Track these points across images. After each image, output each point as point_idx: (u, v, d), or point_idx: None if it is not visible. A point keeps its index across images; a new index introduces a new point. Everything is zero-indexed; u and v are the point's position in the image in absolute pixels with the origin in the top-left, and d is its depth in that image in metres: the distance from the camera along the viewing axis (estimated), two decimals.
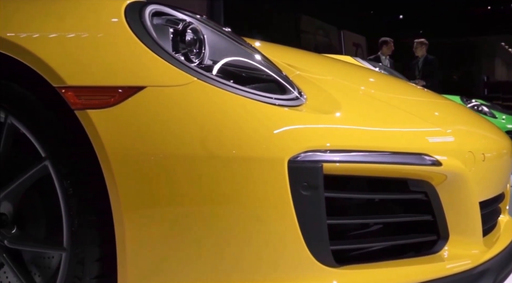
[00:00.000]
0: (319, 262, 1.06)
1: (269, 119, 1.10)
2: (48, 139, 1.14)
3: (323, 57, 1.96)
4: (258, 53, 1.29)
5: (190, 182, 1.06)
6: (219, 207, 1.07)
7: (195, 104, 1.09)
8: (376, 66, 2.35)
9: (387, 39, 6.64)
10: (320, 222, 1.06)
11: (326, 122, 1.17)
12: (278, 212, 1.05)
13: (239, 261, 1.07)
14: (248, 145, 1.07)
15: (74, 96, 1.10)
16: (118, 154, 1.08)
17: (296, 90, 1.21)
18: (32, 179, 1.18)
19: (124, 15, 1.16)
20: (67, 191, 1.12)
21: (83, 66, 1.12)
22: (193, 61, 1.16)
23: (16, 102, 1.17)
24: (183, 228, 1.07)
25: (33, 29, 1.19)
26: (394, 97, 1.53)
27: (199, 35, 1.21)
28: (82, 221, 1.11)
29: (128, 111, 1.08)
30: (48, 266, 1.27)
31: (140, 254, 1.08)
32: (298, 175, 1.06)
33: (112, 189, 1.08)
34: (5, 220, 1.21)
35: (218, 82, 1.13)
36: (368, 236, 1.25)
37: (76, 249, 1.11)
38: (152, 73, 1.11)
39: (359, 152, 1.13)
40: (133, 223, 1.07)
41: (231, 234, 1.06)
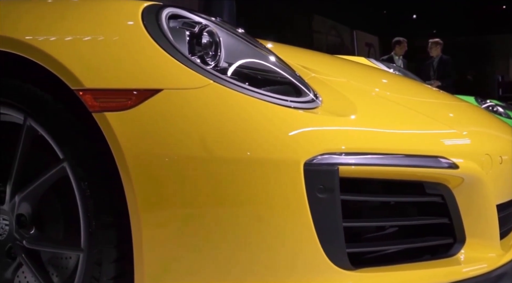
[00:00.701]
0: (335, 264, 1.06)
1: (285, 122, 1.10)
2: (66, 141, 1.16)
3: (337, 59, 1.95)
4: (273, 56, 1.29)
5: (207, 183, 1.07)
6: (235, 209, 1.07)
7: (211, 107, 1.10)
8: (390, 67, 2.34)
9: (400, 39, 6.60)
10: (336, 225, 1.06)
11: (341, 124, 1.17)
12: (294, 214, 1.06)
13: (255, 263, 1.07)
14: (263, 147, 1.07)
15: (92, 98, 1.11)
16: (135, 156, 1.09)
17: (311, 92, 1.21)
18: (50, 180, 1.20)
19: (141, 18, 1.17)
20: (85, 193, 1.13)
21: (100, 69, 1.13)
22: (209, 64, 1.17)
23: (35, 104, 1.18)
24: (199, 229, 1.07)
25: (51, 32, 1.21)
26: (409, 99, 1.53)
27: (215, 37, 1.21)
28: (99, 222, 1.12)
29: (145, 113, 1.09)
30: (65, 266, 1.28)
31: (157, 254, 1.09)
32: (314, 177, 1.06)
33: (129, 190, 1.09)
34: (24, 220, 1.23)
35: (234, 85, 1.13)
36: (383, 238, 1.24)
37: (93, 250, 1.13)
38: (169, 76, 1.12)
39: (375, 155, 1.13)
40: (149, 224, 1.08)
41: (247, 236, 1.07)
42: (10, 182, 1.22)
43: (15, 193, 1.22)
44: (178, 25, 1.21)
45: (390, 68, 2.34)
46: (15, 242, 1.23)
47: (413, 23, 13.09)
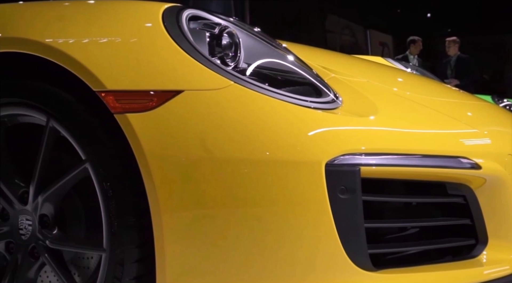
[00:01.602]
0: (357, 265, 1.06)
1: (306, 123, 1.10)
2: (88, 142, 1.17)
3: (355, 59, 1.95)
4: (293, 56, 1.29)
5: (227, 184, 1.07)
6: (256, 210, 1.07)
7: (232, 108, 1.10)
8: (408, 67, 2.33)
9: (415, 38, 6.56)
10: (358, 226, 1.06)
11: (362, 125, 1.16)
12: (315, 215, 1.06)
13: (276, 263, 1.07)
14: (284, 148, 1.08)
15: (114, 100, 1.12)
16: (156, 157, 1.09)
17: (332, 93, 1.21)
18: (72, 181, 1.21)
19: (162, 19, 1.18)
20: (107, 193, 1.14)
21: (122, 71, 1.14)
22: (229, 65, 1.17)
23: (58, 106, 1.19)
24: (220, 229, 1.08)
25: (73, 34, 1.22)
26: (429, 98, 1.52)
27: (235, 38, 1.22)
28: (122, 222, 1.13)
29: (166, 114, 1.10)
30: (87, 266, 1.30)
31: (178, 255, 1.09)
32: (335, 178, 1.06)
33: (151, 191, 1.10)
34: (47, 221, 1.24)
35: (254, 86, 1.13)
36: (405, 239, 1.24)
37: (115, 250, 1.13)
38: (190, 77, 1.12)
39: (396, 155, 1.12)
40: (171, 225, 1.09)
41: (268, 236, 1.07)
42: (33, 182, 1.23)
43: (38, 194, 1.23)
44: (198, 27, 1.21)
45: (408, 68, 2.33)
46: (38, 242, 1.24)
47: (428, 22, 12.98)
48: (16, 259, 1.26)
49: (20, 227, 1.26)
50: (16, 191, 1.27)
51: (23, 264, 1.25)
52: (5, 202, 1.28)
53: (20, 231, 1.26)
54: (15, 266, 1.26)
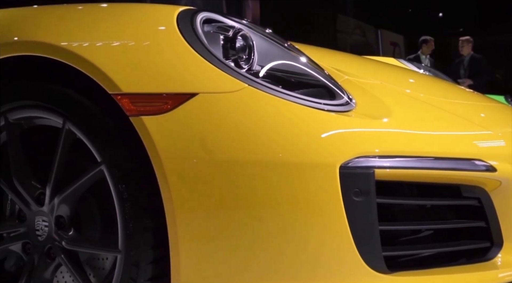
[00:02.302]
0: (371, 268, 1.06)
1: (320, 125, 1.11)
2: (104, 144, 1.18)
3: (368, 61, 1.95)
4: (307, 58, 1.29)
5: (241, 186, 1.08)
6: (270, 211, 1.08)
7: (246, 111, 1.11)
8: (420, 68, 2.32)
9: (427, 38, 6.51)
10: (372, 228, 1.06)
11: (376, 127, 1.16)
12: (329, 217, 1.06)
13: (289, 266, 1.07)
14: (298, 150, 1.08)
15: (129, 103, 1.14)
16: (171, 159, 1.10)
17: (345, 95, 1.21)
18: (88, 183, 1.22)
19: (177, 22, 1.19)
20: (122, 195, 1.15)
21: (137, 74, 1.15)
22: (242, 67, 1.18)
23: (74, 108, 1.21)
24: (235, 231, 1.08)
25: (88, 38, 1.23)
26: (443, 100, 1.51)
27: (249, 41, 1.22)
28: (137, 224, 1.14)
29: (181, 117, 1.11)
30: (102, 267, 1.31)
31: (193, 256, 1.10)
32: (349, 180, 1.06)
33: (165, 192, 1.10)
34: (63, 222, 1.26)
35: (268, 88, 1.14)
36: (418, 241, 1.23)
37: (131, 251, 1.14)
38: (204, 80, 1.13)
39: (410, 158, 1.12)
40: (186, 226, 1.10)
41: (282, 238, 1.07)
42: (50, 184, 1.25)
43: (54, 195, 1.25)
44: (212, 29, 1.22)
45: (420, 69, 2.32)
46: (54, 243, 1.26)
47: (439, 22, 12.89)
48: (32, 259, 1.28)
49: (36, 228, 1.28)
50: (33, 193, 1.29)
51: (40, 264, 1.27)
52: (22, 203, 1.29)
53: (37, 232, 1.27)
54: (32, 267, 1.28)
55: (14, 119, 1.30)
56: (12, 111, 1.29)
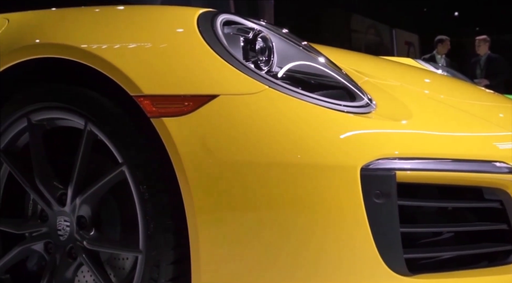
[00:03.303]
0: (392, 270, 1.05)
1: (340, 127, 1.11)
2: (125, 145, 1.19)
3: (387, 61, 1.94)
4: (326, 59, 1.29)
5: (262, 188, 1.08)
6: (290, 212, 1.08)
7: (266, 112, 1.11)
8: (438, 68, 2.30)
9: (443, 38, 6.45)
10: (394, 230, 1.05)
11: (397, 129, 1.16)
12: (350, 219, 1.06)
13: (309, 268, 1.07)
14: (319, 152, 1.08)
15: (150, 104, 1.14)
16: (192, 160, 1.11)
17: (366, 97, 1.21)
18: (109, 183, 1.23)
19: (197, 24, 1.20)
20: (143, 196, 1.16)
21: (158, 75, 1.16)
22: (262, 69, 1.18)
23: (96, 110, 1.22)
24: (256, 233, 1.09)
25: (109, 40, 1.24)
26: (462, 101, 1.50)
27: (268, 43, 1.22)
28: (158, 224, 1.15)
29: (201, 119, 1.12)
30: (122, 267, 1.32)
31: (214, 257, 1.11)
32: (371, 182, 1.06)
33: (186, 193, 1.11)
34: (84, 222, 1.27)
35: (289, 90, 1.14)
36: (439, 244, 1.23)
37: (152, 251, 1.15)
38: (225, 82, 1.14)
39: (432, 160, 1.11)
40: (206, 227, 1.10)
41: (301, 240, 1.07)
42: (71, 184, 1.26)
43: (76, 196, 1.26)
44: (232, 31, 1.23)
45: (438, 69, 2.30)
46: (75, 242, 1.27)
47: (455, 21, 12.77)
48: (54, 259, 1.30)
49: (58, 228, 1.29)
50: (55, 193, 1.30)
51: (62, 264, 1.28)
52: (44, 204, 1.31)
53: (58, 232, 1.29)
54: (54, 266, 1.29)
55: (36, 121, 1.31)
56: (34, 113, 1.30)
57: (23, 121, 1.32)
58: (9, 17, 1.43)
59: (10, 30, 1.39)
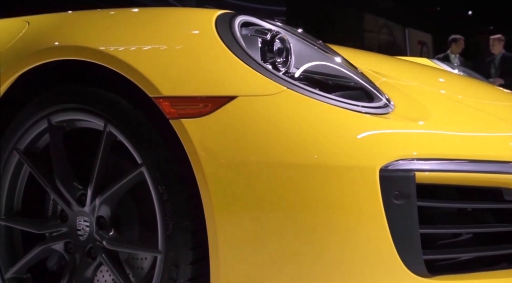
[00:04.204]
0: (411, 271, 1.05)
1: (359, 128, 1.11)
2: (144, 147, 1.20)
3: (404, 62, 1.93)
4: (344, 60, 1.29)
5: (281, 188, 1.09)
6: (309, 213, 1.08)
7: (285, 113, 1.12)
8: (454, 68, 2.29)
9: (457, 37, 6.40)
10: (413, 231, 1.05)
11: (416, 130, 1.16)
12: (369, 220, 1.06)
13: (329, 269, 1.07)
14: (338, 153, 1.08)
15: (169, 106, 1.15)
16: (210, 161, 1.11)
17: (384, 97, 1.20)
18: (129, 184, 1.24)
19: (215, 26, 1.20)
20: (162, 196, 1.17)
21: (177, 77, 1.17)
22: (280, 70, 1.18)
23: (115, 111, 1.23)
24: (275, 234, 1.09)
25: (129, 42, 1.25)
26: (480, 101, 1.49)
27: (286, 44, 1.23)
28: (176, 225, 1.16)
29: (220, 120, 1.12)
30: (141, 266, 1.33)
31: (233, 258, 1.11)
32: (390, 183, 1.05)
33: (205, 194, 1.12)
34: (104, 222, 1.28)
35: (307, 91, 1.14)
36: (458, 245, 1.22)
37: (170, 252, 1.16)
38: (243, 83, 1.14)
39: (451, 160, 1.11)
40: (225, 228, 1.11)
41: (320, 240, 1.08)
42: (91, 185, 1.27)
43: (96, 196, 1.27)
44: (250, 33, 1.23)
45: (454, 69, 2.29)
46: (95, 242, 1.28)
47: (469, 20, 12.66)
48: (74, 259, 1.31)
49: (78, 228, 1.31)
50: (75, 193, 1.32)
51: (81, 263, 1.30)
52: (64, 204, 1.33)
53: (78, 232, 1.31)
54: (74, 266, 1.31)
55: (56, 122, 1.33)
56: (54, 114, 1.32)
57: (43, 122, 1.34)
58: (29, 20, 1.45)
59: (30, 33, 1.41)
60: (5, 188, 1.39)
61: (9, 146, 1.37)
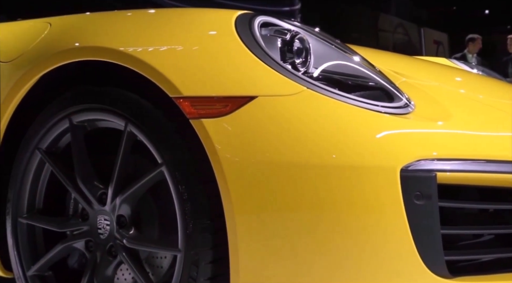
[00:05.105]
0: (433, 272, 1.05)
1: (380, 128, 1.10)
2: (164, 146, 1.21)
3: (423, 62, 1.92)
4: (363, 60, 1.29)
5: (301, 189, 1.09)
6: (329, 213, 1.08)
7: (305, 113, 1.12)
8: (473, 68, 2.27)
9: (474, 36, 6.33)
10: (434, 232, 1.05)
11: (436, 130, 1.15)
12: (390, 220, 1.05)
13: (348, 267, 1.07)
14: (358, 153, 1.08)
15: (190, 106, 1.16)
16: (230, 161, 1.12)
17: (404, 97, 1.20)
18: (149, 183, 1.25)
19: (235, 26, 1.21)
20: (183, 196, 1.18)
21: (197, 77, 1.18)
22: (299, 70, 1.19)
23: (136, 111, 1.24)
24: (294, 233, 1.09)
25: (149, 42, 1.27)
26: (501, 101, 1.48)
27: (305, 44, 1.23)
28: (196, 224, 1.16)
29: (240, 120, 1.13)
30: (160, 265, 1.34)
31: (252, 257, 1.12)
32: (411, 184, 1.05)
33: (225, 194, 1.12)
34: (124, 221, 1.30)
35: (327, 91, 1.14)
36: (479, 246, 1.21)
37: (190, 250, 1.17)
38: (263, 83, 1.15)
39: (473, 161, 1.10)
40: (245, 227, 1.11)
41: (340, 240, 1.07)
42: (112, 184, 1.28)
43: (116, 195, 1.28)
44: (269, 33, 1.24)
45: (473, 69, 2.27)
46: (115, 241, 1.29)
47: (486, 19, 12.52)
48: (95, 257, 1.32)
49: (99, 226, 1.32)
50: (95, 192, 1.33)
51: (102, 262, 1.31)
52: (85, 203, 1.34)
53: (99, 231, 1.32)
54: (95, 264, 1.32)
55: (78, 122, 1.34)
56: (76, 114, 1.34)
57: (64, 122, 1.35)
58: (51, 21, 1.47)
59: (52, 34, 1.43)
60: (27, 186, 1.41)
61: (31, 145, 1.39)
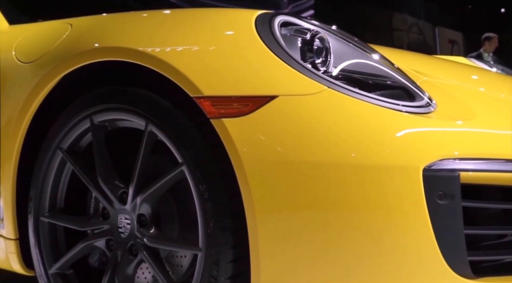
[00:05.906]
0: (456, 273, 1.04)
1: (402, 128, 1.10)
2: (185, 146, 1.21)
3: (442, 61, 1.90)
4: (384, 59, 1.28)
5: (322, 188, 1.09)
6: (350, 213, 1.08)
7: (326, 113, 1.12)
8: (493, 67, 2.25)
9: (490, 35, 6.26)
10: (457, 232, 1.04)
11: (459, 128, 1.14)
12: (412, 220, 1.05)
13: (372, 270, 1.07)
14: (380, 153, 1.07)
15: (210, 105, 1.16)
16: (251, 160, 1.12)
17: (426, 96, 1.19)
18: (169, 182, 1.26)
19: (255, 26, 1.21)
20: (203, 195, 1.18)
21: (218, 77, 1.18)
22: (319, 70, 1.18)
23: (157, 111, 1.25)
24: (315, 233, 1.09)
25: (169, 42, 1.27)
26: None
27: (325, 43, 1.23)
28: (217, 223, 1.16)
29: (261, 119, 1.13)
30: (180, 264, 1.35)
31: (273, 256, 1.12)
32: (433, 183, 1.04)
33: (246, 193, 1.12)
34: (144, 220, 1.30)
35: (348, 90, 1.14)
36: (502, 247, 1.20)
37: (211, 250, 1.17)
38: (284, 83, 1.14)
39: (496, 160, 1.09)
40: (266, 227, 1.11)
41: (362, 240, 1.07)
42: (133, 184, 1.29)
43: (137, 194, 1.29)
44: (289, 33, 1.23)
45: (493, 67, 2.24)
46: (136, 240, 1.30)
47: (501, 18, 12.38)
48: (116, 255, 1.33)
49: (119, 225, 1.33)
50: (116, 192, 1.34)
51: (123, 260, 1.32)
52: (106, 202, 1.35)
53: (119, 229, 1.33)
54: (115, 263, 1.33)
55: (99, 121, 1.35)
56: (97, 114, 1.35)
57: (86, 122, 1.37)
58: (72, 22, 1.49)
59: (73, 35, 1.44)
60: (49, 186, 1.43)
61: (53, 145, 1.41)
